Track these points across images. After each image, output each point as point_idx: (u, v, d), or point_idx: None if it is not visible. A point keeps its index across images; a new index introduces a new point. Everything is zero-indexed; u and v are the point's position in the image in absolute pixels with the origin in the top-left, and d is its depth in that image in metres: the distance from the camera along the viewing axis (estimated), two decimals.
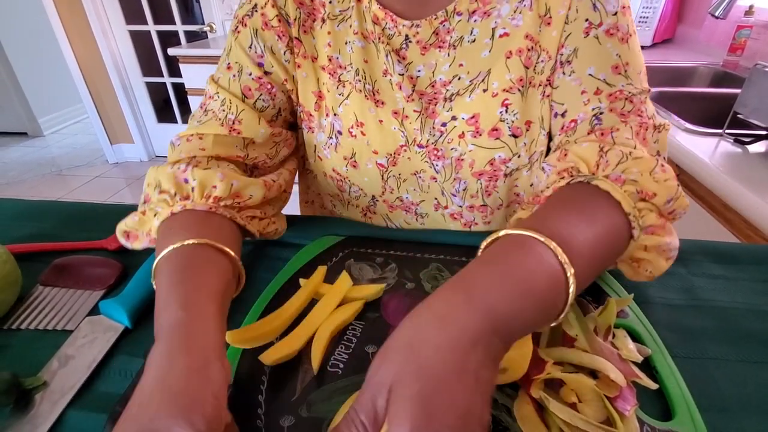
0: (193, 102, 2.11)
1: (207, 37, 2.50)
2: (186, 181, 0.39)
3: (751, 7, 1.39)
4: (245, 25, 0.46)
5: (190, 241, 0.33)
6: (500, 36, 0.43)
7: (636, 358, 0.32)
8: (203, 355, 0.26)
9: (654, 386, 0.30)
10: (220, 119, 0.45)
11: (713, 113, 0.95)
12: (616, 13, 0.40)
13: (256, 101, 0.46)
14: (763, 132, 0.76)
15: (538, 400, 0.30)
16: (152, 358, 0.26)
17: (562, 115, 0.43)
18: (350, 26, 0.46)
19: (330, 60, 0.47)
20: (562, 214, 0.32)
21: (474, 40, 0.44)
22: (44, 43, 3.45)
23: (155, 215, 0.38)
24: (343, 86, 0.47)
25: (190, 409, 0.23)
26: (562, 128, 0.43)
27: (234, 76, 0.46)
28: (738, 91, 0.82)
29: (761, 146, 0.77)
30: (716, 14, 1.14)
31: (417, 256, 0.45)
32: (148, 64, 2.78)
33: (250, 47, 0.46)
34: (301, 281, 0.40)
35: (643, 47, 1.69)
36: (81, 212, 0.56)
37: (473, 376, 0.23)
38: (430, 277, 0.43)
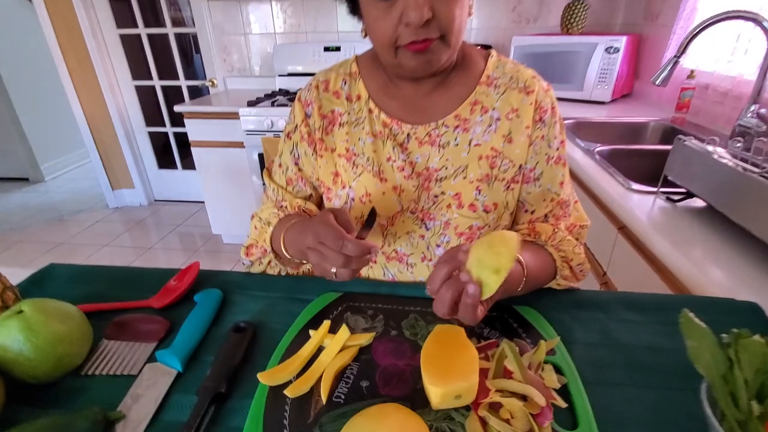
0: (196, 153, 2.25)
1: (209, 92, 2.69)
2: (282, 206, 0.70)
3: (692, 71, 1.61)
4: (290, 137, 0.70)
5: (295, 220, 0.63)
6: (474, 145, 0.63)
7: (555, 385, 0.45)
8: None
9: (564, 405, 0.43)
10: (273, 201, 0.72)
11: (659, 168, 1.11)
12: (558, 148, 0.65)
13: (294, 187, 0.72)
14: (687, 192, 0.92)
15: (483, 418, 0.42)
16: (301, 239, 0.55)
17: (531, 212, 0.68)
18: (363, 128, 0.65)
19: (347, 150, 0.66)
20: (528, 252, 0.57)
21: (457, 145, 0.63)
22: (50, 90, 3.62)
23: (269, 225, 0.66)
24: (357, 168, 0.66)
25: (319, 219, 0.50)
26: (530, 220, 0.68)
27: (283, 172, 0.72)
28: None
29: (688, 204, 0.92)
30: (657, 83, 1.33)
31: (399, 309, 0.58)
32: (151, 114, 2.95)
33: (292, 152, 0.70)
34: (311, 332, 0.52)
35: (603, 103, 1.91)
36: (126, 275, 0.68)
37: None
38: (409, 325, 0.55)
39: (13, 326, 0.46)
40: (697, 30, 1.18)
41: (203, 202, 2.52)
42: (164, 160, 3.10)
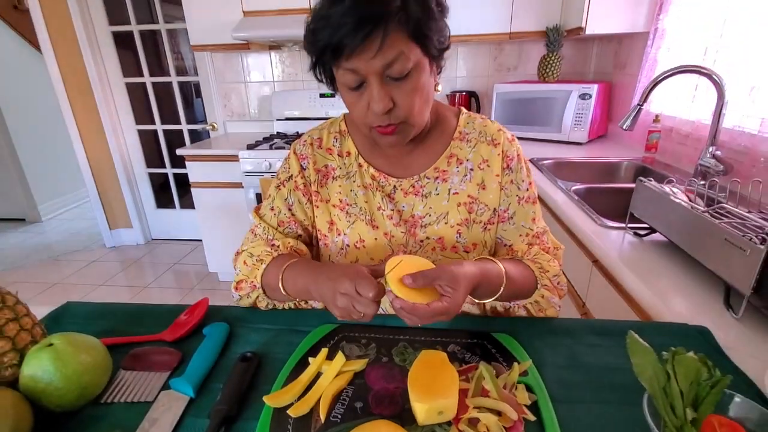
0: (196, 193, 2.33)
1: (209, 135, 2.82)
2: (274, 245, 0.73)
3: (657, 116, 1.76)
4: (284, 185, 0.77)
5: (292, 260, 0.66)
6: (453, 193, 0.72)
7: (527, 402, 0.51)
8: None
9: (533, 418, 0.49)
10: (264, 240, 0.76)
11: (626, 208, 1.20)
12: (528, 189, 0.75)
13: (285, 229, 0.77)
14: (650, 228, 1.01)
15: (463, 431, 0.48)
16: (314, 281, 0.60)
17: (510, 246, 0.75)
18: (354, 181, 0.74)
19: (340, 201, 0.74)
20: (508, 262, 0.66)
21: (438, 194, 0.73)
22: (53, 133, 3.72)
23: (261, 263, 0.69)
24: (350, 217, 0.74)
25: (355, 271, 0.55)
26: (508, 252, 0.75)
27: (275, 215, 0.77)
28: None
29: (653, 238, 1.01)
30: (624, 127, 1.46)
31: (389, 338, 0.64)
32: (152, 156, 3.06)
33: (286, 199, 0.77)
34: (310, 359, 0.58)
35: (580, 143, 2.05)
36: (138, 312, 0.74)
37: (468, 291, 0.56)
38: (398, 352, 0.61)
39: (44, 357, 0.51)
40: (657, 80, 1.32)
41: (200, 241, 2.57)
42: (162, 199, 3.17)
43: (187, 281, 2.70)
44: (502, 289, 0.61)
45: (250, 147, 2.19)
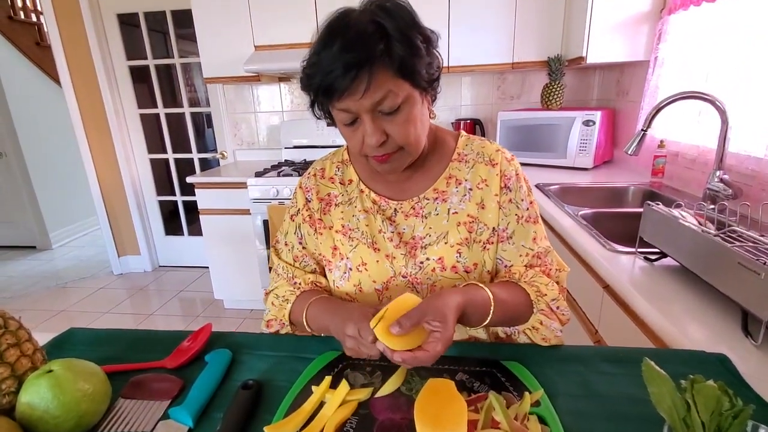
0: (204, 220, 2.36)
1: (219, 163, 2.87)
2: (296, 283, 0.76)
3: (662, 141, 1.76)
4: (293, 219, 0.80)
5: (314, 298, 0.70)
6: (453, 213, 0.72)
7: None
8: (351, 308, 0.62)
9: None
10: (285, 278, 0.79)
11: (635, 232, 1.19)
12: (528, 208, 0.73)
13: (301, 263, 0.79)
14: (661, 252, 0.99)
15: None
16: (332, 322, 0.63)
17: (509, 267, 0.73)
18: (356, 206, 0.75)
19: (342, 226, 0.75)
20: (499, 286, 0.66)
21: (437, 214, 0.73)
22: (66, 162, 3.81)
23: (287, 302, 0.73)
24: (352, 241, 0.74)
25: (359, 314, 0.57)
26: (507, 273, 0.73)
27: (289, 250, 0.80)
28: None
29: (664, 263, 0.99)
30: (629, 153, 1.46)
31: (395, 365, 0.62)
32: (162, 184, 3.11)
33: (295, 233, 0.79)
34: (313, 388, 0.57)
35: (586, 169, 2.05)
36: (141, 338, 0.73)
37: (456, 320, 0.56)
38: (405, 381, 0.59)
39: (42, 384, 0.51)
40: (660, 107, 1.33)
41: (207, 268, 2.57)
42: (171, 226, 3.20)
43: (192, 308, 2.68)
44: (491, 314, 0.61)
45: (258, 174, 2.22)
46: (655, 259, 1.00)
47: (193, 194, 2.35)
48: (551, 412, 0.53)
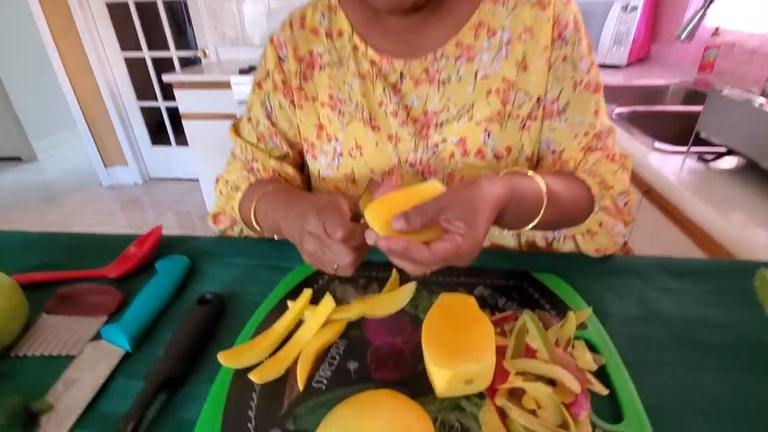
0: (188, 126, 2.15)
1: (200, 63, 2.57)
2: (253, 169, 0.58)
3: (717, 29, 1.47)
4: (261, 87, 0.59)
5: (270, 187, 0.52)
6: (481, 77, 0.52)
7: (591, 367, 0.36)
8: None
9: (605, 392, 0.34)
10: (242, 161, 0.60)
11: (684, 130, 1.00)
12: (588, 71, 0.52)
13: (266, 144, 0.60)
14: (723, 150, 0.81)
15: (502, 408, 0.33)
16: (285, 216, 0.44)
17: (560, 152, 0.54)
18: (348, 69, 0.54)
19: (331, 97, 0.56)
20: (550, 175, 0.46)
21: (460, 79, 0.52)
22: (39, 67, 3.49)
23: (237, 190, 0.55)
24: (344, 116, 0.55)
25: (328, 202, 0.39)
26: (556, 161, 0.54)
27: (252, 127, 0.60)
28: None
29: (722, 164, 0.82)
30: (682, 38, 1.20)
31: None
32: (142, 88, 2.83)
33: (263, 105, 0.59)
34: (289, 303, 0.44)
35: (618, 67, 1.78)
36: (83, 242, 0.59)
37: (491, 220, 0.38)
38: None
39: None
40: None
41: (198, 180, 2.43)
42: (158, 136, 2.99)
43: (188, 221, 2.59)
44: (541, 213, 0.43)
45: (243, 72, 1.96)
46: (713, 159, 0.83)
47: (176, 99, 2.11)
48: (603, 337, 0.40)
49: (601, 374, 0.36)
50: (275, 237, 0.54)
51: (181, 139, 2.87)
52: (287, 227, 0.43)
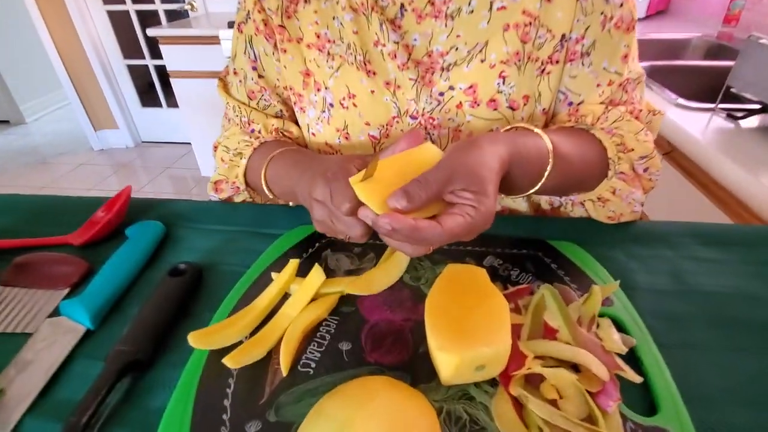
0: (176, 85, 2.04)
1: (188, 16, 2.41)
2: (253, 130, 0.52)
3: None
4: (241, 31, 0.51)
5: (278, 150, 0.46)
6: (498, 9, 0.43)
7: (620, 349, 0.31)
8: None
9: (639, 380, 0.29)
10: (238, 124, 0.54)
11: (706, 87, 0.93)
12: (622, 4, 0.42)
13: (259, 101, 0.53)
14: (757, 106, 0.74)
15: (518, 398, 0.29)
16: (298, 182, 0.38)
17: (577, 105, 0.47)
18: (337, 2, 0.46)
19: (318, 36, 0.48)
20: (559, 132, 0.41)
21: (472, 11, 0.44)
22: (22, 27, 3.32)
23: (241, 157, 0.50)
24: (333, 59, 0.47)
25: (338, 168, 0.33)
26: (572, 115, 0.47)
27: (240, 81, 0.53)
28: (731, 63, 0.79)
29: (754, 121, 0.75)
30: None
31: None
32: (128, 45, 2.68)
33: (245, 52, 0.51)
34: (273, 275, 0.38)
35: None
36: (47, 206, 0.53)
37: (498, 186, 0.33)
38: (409, 267, 0.41)
39: None
40: None
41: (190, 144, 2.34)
42: (148, 98, 2.87)
43: (183, 185, 2.53)
44: (545, 176, 0.37)
45: (231, 25, 1.83)
46: (743, 116, 0.76)
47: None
48: (632, 315, 0.35)
49: (631, 358, 0.32)
50: (291, 204, 0.50)
51: (172, 101, 2.76)
52: (301, 192, 0.38)
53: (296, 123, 0.54)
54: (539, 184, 0.37)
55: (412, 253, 0.31)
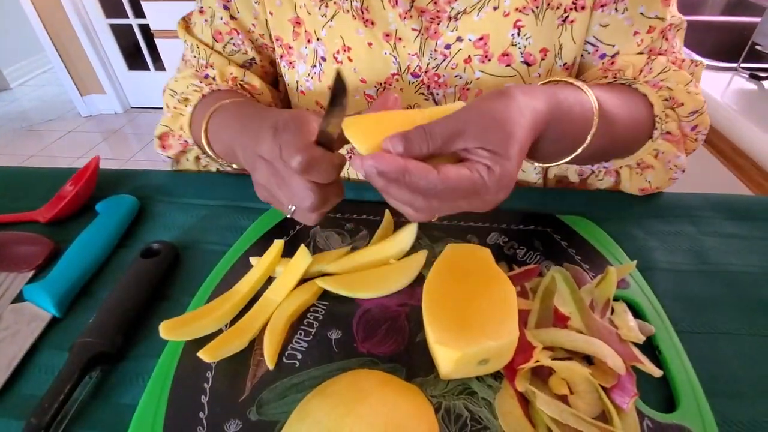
0: (162, 45, 1.94)
1: None
2: (207, 76, 0.46)
3: None
4: None
5: (227, 100, 0.39)
6: None
7: (637, 338, 0.28)
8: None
9: (658, 373, 0.26)
10: (193, 66, 0.47)
11: (727, 45, 0.86)
12: None
13: (225, 45, 0.46)
14: None
15: (524, 394, 0.26)
16: (240, 137, 0.33)
17: (613, 56, 0.41)
18: None
19: None
20: (601, 88, 0.35)
21: None
22: None
23: (186, 104, 0.43)
24: (327, 6, 0.42)
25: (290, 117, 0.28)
26: (606, 68, 0.41)
27: (206, 21, 0.46)
28: (756, 20, 0.73)
29: None
30: None
31: (392, 220, 0.40)
32: (110, 3, 2.53)
33: None
34: (253, 260, 0.35)
35: None
36: (10, 178, 0.49)
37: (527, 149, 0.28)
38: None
39: None
40: None
41: None
42: (134, 61, 2.74)
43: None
44: (588, 139, 0.32)
45: None
46: (767, 77, 0.70)
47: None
48: (650, 299, 0.32)
49: (647, 347, 0.29)
50: (232, 166, 0.43)
51: (160, 64, 2.64)
52: (242, 152, 0.33)
53: (264, 78, 0.48)
54: (580, 149, 0.32)
55: (414, 215, 0.27)
